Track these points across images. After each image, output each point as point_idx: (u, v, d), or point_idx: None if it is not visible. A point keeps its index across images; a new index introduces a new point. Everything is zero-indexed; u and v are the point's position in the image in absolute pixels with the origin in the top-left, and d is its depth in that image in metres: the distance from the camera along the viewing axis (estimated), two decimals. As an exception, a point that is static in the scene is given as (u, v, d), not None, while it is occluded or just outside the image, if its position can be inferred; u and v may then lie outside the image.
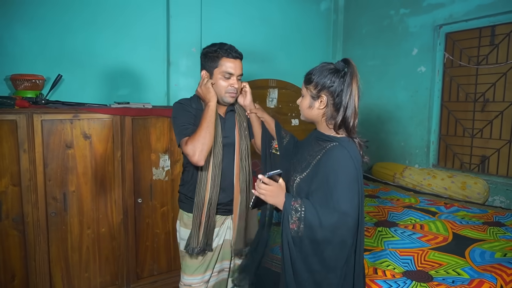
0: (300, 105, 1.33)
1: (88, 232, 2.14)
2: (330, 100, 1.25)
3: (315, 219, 1.15)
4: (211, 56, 1.52)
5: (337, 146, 1.21)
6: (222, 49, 1.52)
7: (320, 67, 1.28)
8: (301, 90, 1.34)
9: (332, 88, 1.23)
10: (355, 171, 1.18)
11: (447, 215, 2.37)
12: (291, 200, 1.20)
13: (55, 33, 2.46)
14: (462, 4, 2.90)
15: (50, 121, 1.99)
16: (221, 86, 1.52)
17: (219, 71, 1.52)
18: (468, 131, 3.04)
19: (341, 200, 1.15)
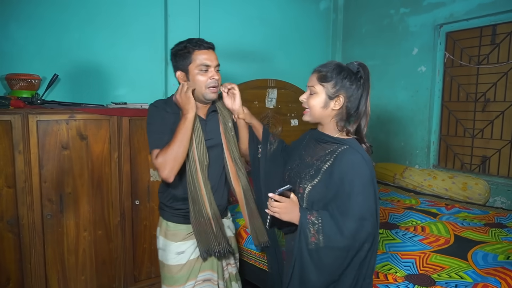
0: (311, 103, 1.24)
1: (84, 235, 2.11)
2: (346, 102, 1.23)
3: (334, 230, 1.14)
4: (182, 53, 1.44)
5: (349, 150, 1.19)
6: (191, 43, 1.43)
7: (336, 65, 1.24)
8: (310, 87, 1.25)
9: (350, 90, 1.22)
10: (370, 174, 1.16)
11: (448, 217, 2.35)
12: (307, 214, 1.17)
13: (52, 32, 2.42)
14: (463, 3, 2.87)
15: (46, 121, 1.96)
16: (201, 81, 1.43)
17: (194, 66, 1.43)
18: (468, 131, 3.01)
19: (357, 206, 1.13)
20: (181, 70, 1.46)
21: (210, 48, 1.46)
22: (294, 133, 3.50)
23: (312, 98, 1.25)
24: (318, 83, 1.23)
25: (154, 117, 1.46)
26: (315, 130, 1.37)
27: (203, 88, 1.44)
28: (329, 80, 1.22)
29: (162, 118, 1.45)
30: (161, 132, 1.42)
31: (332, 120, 1.26)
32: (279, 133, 3.45)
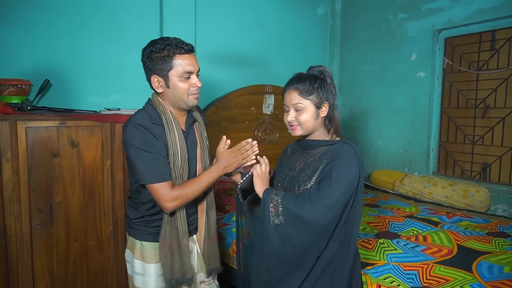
0: (302, 119, 1.30)
1: (75, 245, 2.03)
2: (330, 105, 1.32)
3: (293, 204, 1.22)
4: (160, 56, 1.28)
5: (343, 144, 1.28)
6: (171, 45, 1.28)
7: (307, 77, 1.31)
8: (295, 105, 1.29)
9: (327, 94, 1.31)
10: (357, 167, 1.22)
11: (449, 225, 2.29)
12: (273, 189, 1.31)
13: (45, 37, 2.37)
14: (462, 8, 2.85)
15: (35, 128, 1.89)
16: (183, 89, 1.32)
17: (176, 73, 1.30)
18: (469, 137, 2.97)
19: (323, 202, 1.18)
20: (158, 75, 1.32)
21: (191, 52, 1.33)
22: (292, 140, 3.42)
23: (302, 114, 1.29)
24: (303, 98, 1.29)
25: (145, 143, 1.29)
26: (299, 141, 1.43)
27: (185, 96, 1.34)
28: (312, 92, 1.28)
29: (153, 143, 1.30)
30: (158, 161, 1.30)
31: (322, 125, 1.34)
32: (277, 140, 3.40)
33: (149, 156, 1.28)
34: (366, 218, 2.45)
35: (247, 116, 3.20)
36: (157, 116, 1.35)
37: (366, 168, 3.66)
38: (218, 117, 3.02)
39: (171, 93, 1.34)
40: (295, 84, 1.29)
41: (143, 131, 1.28)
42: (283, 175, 1.42)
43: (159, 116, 1.35)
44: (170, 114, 1.36)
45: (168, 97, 1.36)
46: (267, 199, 1.26)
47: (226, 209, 2.63)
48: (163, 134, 1.33)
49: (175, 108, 1.39)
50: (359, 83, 3.70)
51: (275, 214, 1.23)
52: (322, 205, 1.17)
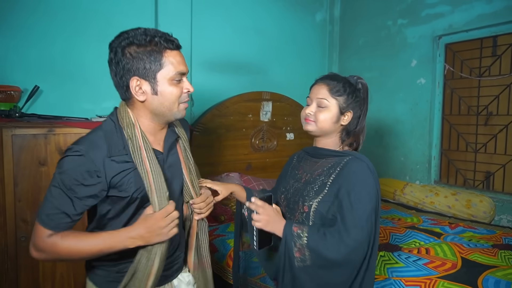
0: (320, 117, 1.19)
1: (62, 258, 1.94)
2: (353, 117, 1.23)
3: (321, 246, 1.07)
4: (145, 51, 0.98)
5: (354, 159, 1.17)
6: (161, 37, 0.99)
7: (345, 79, 1.23)
8: (320, 100, 1.19)
9: (356, 106, 1.22)
10: (374, 185, 1.13)
11: (453, 237, 2.21)
12: (293, 225, 1.11)
13: (37, 43, 2.33)
14: (462, 14, 2.80)
15: (22, 136, 1.82)
16: (174, 96, 1.02)
17: (167, 74, 1.00)
18: (471, 145, 2.90)
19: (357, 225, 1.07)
20: (141, 77, 0.99)
21: (179, 47, 1.04)
22: (290, 148, 3.38)
23: (323, 112, 1.19)
24: (331, 96, 1.19)
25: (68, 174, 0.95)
26: (308, 148, 1.32)
27: (175, 105, 1.03)
28: (342, 94, 1.19)
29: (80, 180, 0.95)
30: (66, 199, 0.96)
31: (337, 134, 1.24)
32: (274, 148, 3.32)
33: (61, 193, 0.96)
34: (366, 229, 2.37)
35: (244, 124, 3.13)
36: (120, 143, 1.01)
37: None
38: (215, 125, 2.96)
39: (158, 102, 1.02)
40: (328, 79, 1.22)
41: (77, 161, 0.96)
42: (287, 186, 1.31)
43: (124, 141, 1.02)
44: (140, 138, 1.02)
45: (151, 108, 1.03)
46: (290, 242, 1.09)
47: (221, 220, 2.55)
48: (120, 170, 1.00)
49: (155, 122, 1.07)
50: (359, 90, 3.63)
51: (301, 260, 1.09)
52: (355, 241, 1.06)
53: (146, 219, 1.00)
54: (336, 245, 1.06)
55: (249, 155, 3.18)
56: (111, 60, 1.04)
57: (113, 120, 1.06)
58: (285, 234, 1.10)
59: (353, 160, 1.16)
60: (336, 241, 1.07)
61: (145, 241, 0.99)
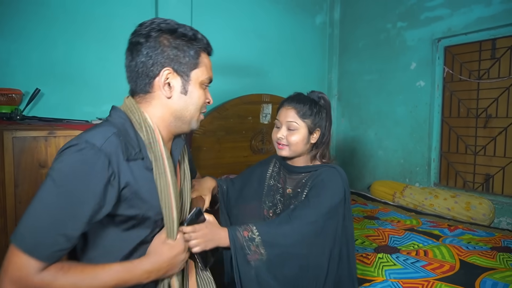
0: (292, 140, 1.25)
1: (62, 259, 1.96)
2: (321, 133, 1.30)
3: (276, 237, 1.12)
4: (186, 44, 0.88)
5: (328, 168, 1.27)
6: (199, 34, 0.93)
7: (310, 100, 1.28)
8: (289, 123, 1.25)
9: (323, 122, 1.29)
10: (341, 186, 1.21)
11: (451, 239, 2.20)
12: (238, 231, 1.09)
13: (38, 47, 2.34)
14: (461, 17, 2.81)
15: (22, 138, 1.84)
16: (202, 100, 0.93)
17: (200, 75, 0.91)
18: (470, 148, 2.90)
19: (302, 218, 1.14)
20: (174, 70, 0.87)
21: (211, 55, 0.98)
22: (290, 150, 3.39)
23: (294, 135, 1.25)
24: (299, 119, 1.25)
25: (77, 180, 0.73)
26: (282, 162, 1.37)
27: (198, 112, 0.94)
28: (309, 116, 1.25)
29: (93, 187, 0.74)
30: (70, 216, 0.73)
31: (307, 152, 1.32)
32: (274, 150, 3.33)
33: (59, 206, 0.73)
34: (365, 231, 2.37)
35: (243, 126, 3.15)
36: (135, 143, 0.84)
37: (365, 179, 3.59)
38: (214, 127, 2.97)
39: (184, 103, 0.90)
40: (294, 102, 1.26)
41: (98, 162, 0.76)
42: (274, 201, 1.35)
43: (139, 144, 0.85)
44: (161, 144, 0.86)
45: (173, 108, 0.90)
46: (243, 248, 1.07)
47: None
48: (141, 177, 0.83)
49: (170, 128, 0.93)
50: (358, 92, 3.65)
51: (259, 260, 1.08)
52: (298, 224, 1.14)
53: (166, 250, 0.84)
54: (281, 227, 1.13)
55: (249, 157, 3.19)
56: (138, 44, 0.86)
57: (122, 117, 0.87)
58: (233, 241, 1.05)
59: (326, 169, 1.26)
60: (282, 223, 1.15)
61: (161, 275, 0.84)
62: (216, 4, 3.07)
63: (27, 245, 0.68)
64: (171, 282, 0.89)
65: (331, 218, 1.17)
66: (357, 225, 2.52)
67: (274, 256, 1.09)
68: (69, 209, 0.71)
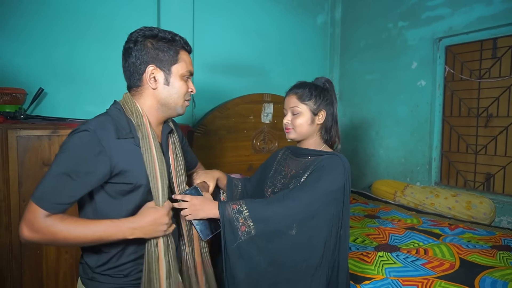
0: (296, 123, 1.31)
1: (66, 257, 1.98)
2: (327, 115, 1.33)
3: (265, 213, 1.17)
4: (167, 46, 1.07)
5: (332, 156, 1.28)
6: (179, 37, 1.11)
7: (310, 84, 1.35)
8: (292, 108, 1.32)
9: (328, 103, 1.33)
10: (342, 173, 1.22)
11: (452, 238, 2.22)
12: (228, 204, 1.18)
13: (41, 46, 2.37)
14: (462, 16, 2.81)
15: (26, 137, 1.86)
16: (182, 90, 1.10)
17: (179, 69, 1.09)
18: (471, 147, 2.91)
19: (296, 199, 1.18)
20: (158, 66, 1.07)
21: (191, 52, 1.16)
22: (291, 149, 3.40)
23: (298, 118, 1.31)
24: (300, 102, 1.31)
25: (74, 152, 0.96)
26: (291, 147, 1.44)
27: (181, 99, 1.12)
28: (310, 98, 1.31)
29: (89, 158, 0.96)
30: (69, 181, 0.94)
31: (317, 133, 1.35)
32: (276, 149, 3.35)
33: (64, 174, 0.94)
34: (366, 229, 2.38)
35: (245, 125, 3.16)
36: (127, 127, 1.04)
37: (366, 178, 3.60)
38: (216, 126, 2.99)
39: (167, 93, 1.09)
40: (295, 89, 1.34)
41: (84, 137, 0.97)
42: (275, 181, 1.39)
43: (130, 126, 1.05)
44: (148, 126, 1.07)
45: (159, 97, 1.09)
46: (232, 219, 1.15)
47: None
48: (129, 153, 1.02)
49: (158, 114, 1.12)
50: (360, 91, 3.66)
51: (246, 233, 1.15)
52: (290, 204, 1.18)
53: (150, 212, 1.01)
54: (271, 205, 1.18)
55: (250, 156, 3.20)
56: (129, 48, 1.07)
57: (117, 108, 1.09)
58: (222, 212, 1.16)
59: (330, 156, 1.27)
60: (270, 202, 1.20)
61: (144, 234, 1.00)
62: (217, 4, 3.08)
63: (37, 199, 0.93)
64: (158, 241, 1.04)
65: (326, 204, 1.19)
66: (358, 224, 2.54)
67: (260, 230, 1.15)
68: (67, 174, 0.94)
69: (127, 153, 1.02)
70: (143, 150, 1.03)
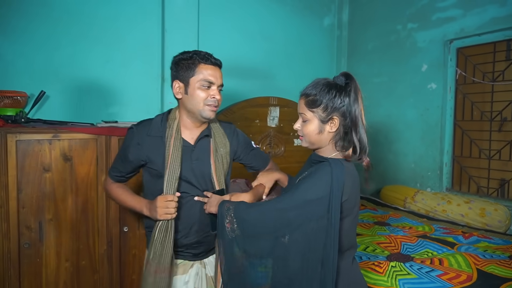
0: (305, 131, 1.18)
1: (66, 265, 1.92)
2: (342, 121, 1.14)
3: (243, 213, 1.16)
4: (186, 63, 1.31)
5: (324, 163, 1.14)
6: (198, 55, 1.32)
7: (321, 85, 1.17)
8: (301, 114, 1.18)
9: (343, 107, 1.13)
10: (326, 183, 1.06)
11: (467, 247, 2.12)
12: (226, 203, 1.23)
13: (43, 48, 2.33)
14: (475, 17, 2.73)
15: (26, 141, 1.80)
16: (200, 97, 1.31)
17: (196, 80, 1.30)
18: (484, 152, 2.82)
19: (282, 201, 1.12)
20: (180, 81, 1.33)
21: (217, 65, 1.35)
22: (298, 153, 3.33)
23: (305, 126, 1.17)
24: (307, 109, 1.16)
25: (124, 142, 1.40)
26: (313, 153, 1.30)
27: (201, 105, 1.31)
28: (318, 104, 1.14)
29: (127, 149, 1.37)
30: (119, 163, 1.42)
31: (330, 141, 1.19)
32: (282, 154, 3.27)
33: (118, 155, 1.45)
34: (376, 237, 2.30)
35: (251, 129, 3.09)
36: (159, 127, 1.37)
37: (375, 184, 3.51)
38: (221, 130, 2.92)
39: (188, 100, 1.33)
40: (307, 90, 1.18)
41: (129, 133, 1.39)
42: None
43: (164, 128, 1.36)
44: (174, 129, 1.34)
45: (185, 104, 1.35)
46: (222, 215, 1.21)
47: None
48: (157, 147, 1.34)
49: (190, 118, 1.37)
50: (368, 95, 3.49)
51: (231, 230, 1.17)
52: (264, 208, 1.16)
53: (156, 199, 1.27)
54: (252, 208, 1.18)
55: (256, 161, 3.13)
56: (170, 70, 1.38)
57: (163, 114, 1.42)
58: (219, 209, 1.22)
59: (324, 163, 1.13)
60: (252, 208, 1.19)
61: (147, 213, 1.31)
62: (223, 6, 3.03)
63: (108, 171, 1.48)
64: (158, 224, 1.29)
65: (302, 213, 1.07)
66: (368, 231, 2.45)
67: (240, 229, 1.15)
68: (120, 157, 1.42)
69: (155, 147, 1.33)
70: (166, 146, 1.32)
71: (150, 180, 1.39)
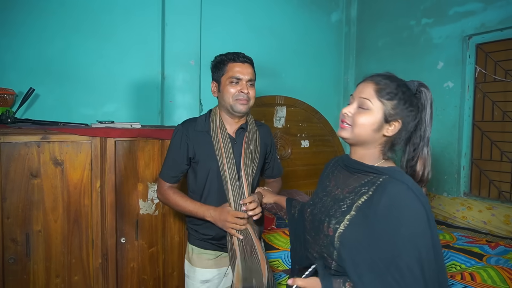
0: (359, 120, 0.96)
1: (56, 282, 1.72)
2: (402, 130, 0.97)
3: None
4: (218, 65, 1.46)
5: (392, 180, 0.92)
6: (228, 55, 1.45)
7: (398, 79, 0.99)
8: (362, 99, 0.96)
9: (409, 117, 0.96)
10: (423, 210, 0.86)
11: (496, 259, 1.95)
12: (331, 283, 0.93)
13: (32, 42, 2.13)
14: (496, 11, 2.57)
15: (12, 144, 1.61)
16: (229, 92, 1.42)
17: (226, 77, 1.43)
18: (506, 155, 2.64)
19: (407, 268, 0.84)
20: (215, 81, 1.48)
21: (246, 62, 1.45)
22: (305, 156, 3.15)
23: (363, 115, 0.96)
24: (377, 97, 0.95)
25: (174, 141, 1.47)
26: (344, 156, 1.10)
27: (230, 100, 1.42)
28: (392, 97, 0.95)
29: (179, 145, 1.46)
30: (173, 161, 1.47)
31: (378, 146, 1.00)
32: (289, 156, 3.09)
33: (168, 154, 1.50)
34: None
35: (256, 130, 2.91)
36: (204, 123, 1.48)
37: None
38: (225, 131, 2.74)
39: (221, 97, 1.45)
40: (379, 78, 0.98)
41: (178, 130, 1.47)
42: (317, 199, 1.11)
43: (208, 123, 1.48)
44: (218, 122, 1.46)
45: (220, 101, 1.48)
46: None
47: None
48: (203, 141, 1.45)
49: (227, 114, 1.47)
50: (378, 94, 3.40)
51: None
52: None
53: (223, 210, 1.37)
54: None
55: (262, 164, 2.95)
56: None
57: (206, 113, 1.53)
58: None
59: (390, 180, 0.92)
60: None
61: (214, 222, 1.39)
62: (227, -2, 2.84)
63: (161, 175, 1.50)
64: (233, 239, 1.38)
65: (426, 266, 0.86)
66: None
67: None
68: (172, 155, 1.47)
69: (202, 141, 1.44)
70: (213, 139, 1.43)
71: (191, 172, 1.49)
